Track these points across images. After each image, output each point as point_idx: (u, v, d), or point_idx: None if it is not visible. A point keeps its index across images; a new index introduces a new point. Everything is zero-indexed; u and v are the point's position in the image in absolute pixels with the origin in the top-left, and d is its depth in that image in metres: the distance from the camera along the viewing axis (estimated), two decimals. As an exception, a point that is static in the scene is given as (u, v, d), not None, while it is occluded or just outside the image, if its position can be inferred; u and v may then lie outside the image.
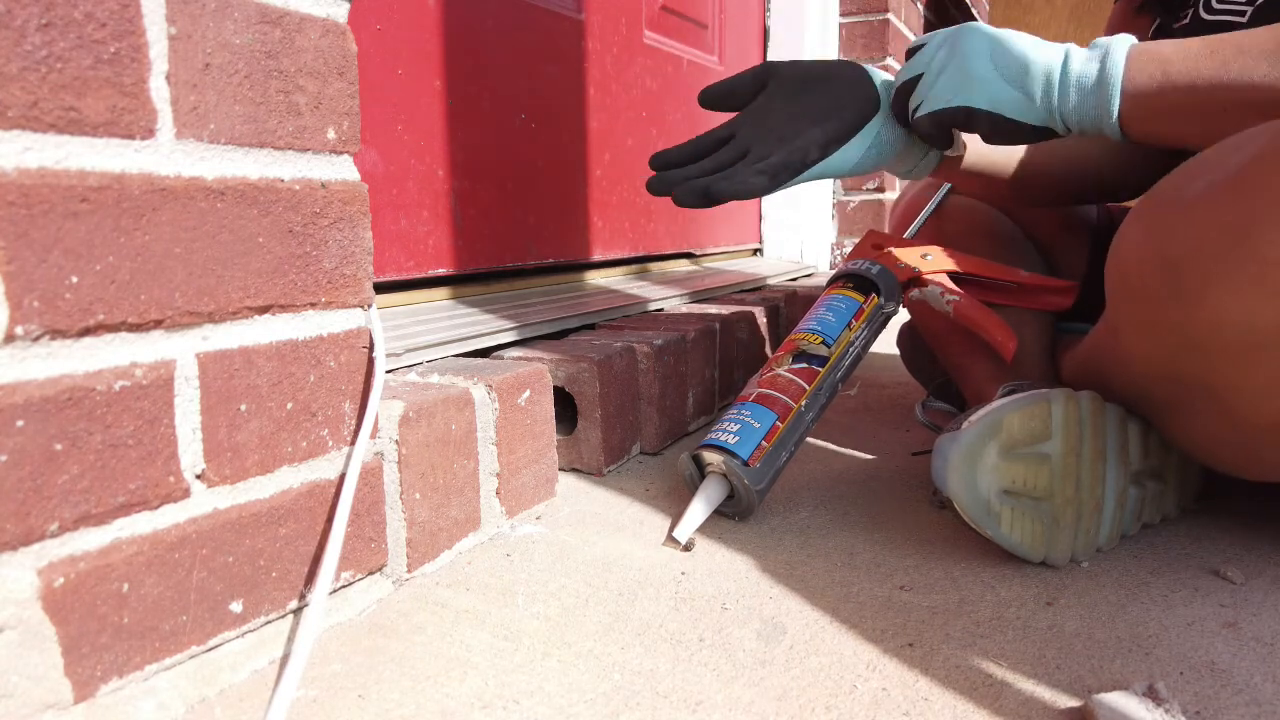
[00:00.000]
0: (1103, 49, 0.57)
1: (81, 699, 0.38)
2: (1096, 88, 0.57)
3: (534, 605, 0.54)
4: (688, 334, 0.90)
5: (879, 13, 1.84)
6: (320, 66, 0.48)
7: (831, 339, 0.72)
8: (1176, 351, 0.52)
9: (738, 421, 0.67)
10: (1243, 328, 0.47)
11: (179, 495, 0.42)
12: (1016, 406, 0.57)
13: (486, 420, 0.63)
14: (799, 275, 1.60)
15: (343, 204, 0.50)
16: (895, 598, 0.55)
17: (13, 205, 0.35)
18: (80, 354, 0.38)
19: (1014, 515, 0.57)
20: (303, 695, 0.44)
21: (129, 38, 0.39)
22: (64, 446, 0.37)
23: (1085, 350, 0.68)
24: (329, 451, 0.50)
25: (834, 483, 0.78)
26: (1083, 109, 0.57)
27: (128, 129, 0.39)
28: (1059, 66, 0.58)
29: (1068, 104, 0.58)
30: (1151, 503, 0.63)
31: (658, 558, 0.61)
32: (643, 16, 1.32)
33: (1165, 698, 0.42)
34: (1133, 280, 0.54)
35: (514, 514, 0.67)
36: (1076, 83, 0.57)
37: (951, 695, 0.45)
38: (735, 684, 0.46)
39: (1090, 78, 0.57)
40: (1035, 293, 0.78)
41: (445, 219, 0.94)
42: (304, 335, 0.48)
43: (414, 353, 0.70)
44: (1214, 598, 0.55)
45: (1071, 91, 0.57)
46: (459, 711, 0.43)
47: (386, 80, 0.86)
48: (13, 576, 0.36)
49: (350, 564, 0.52)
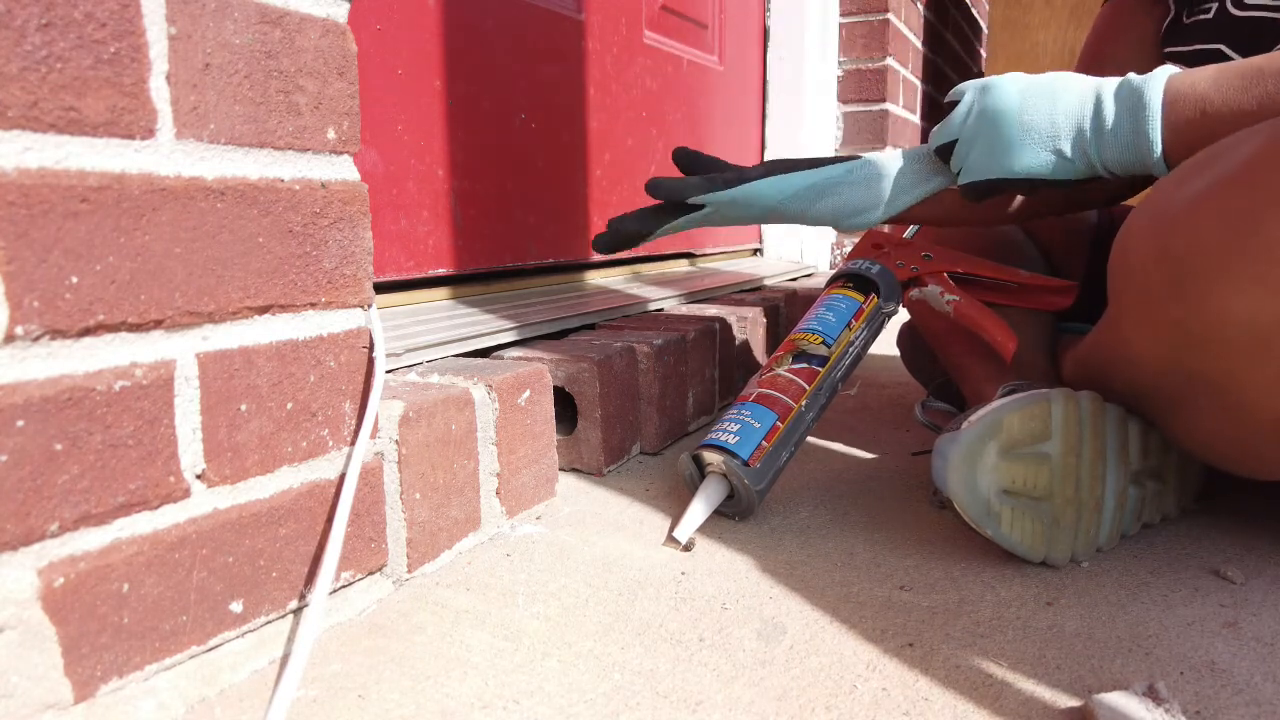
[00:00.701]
0: (1136, 93, 0.56)
1: (81, 699, 0.38)
2: (1133, 139, 0.56)
3: (534, 605, 0.54)
4: (688, 334, 0.90)
5: (879, 13, 1.84)
6: (320, 66, 0.48)
7: (831, 339, 0.72)
8: (1179, 348, 0.52)
9: (738, 421, 0.67)
10: (1246, 324, 0.47)
11: (179, 495, 0.42)
12: (1016, 406, 0.57)
13: (486, 420, 0.63)
14: (799, 275, 1.60)
15: (343, 204, 0.50)
16: (895, 598, 0.55)
17: (13, 205, 0.35)
18: (80, 354, 0.38)
19: (1014, 515, 0.57)
20: (303, 695, 0.44)
21: (129, 38, 0.39)
22: (64, 446, 0.37)
23: (1086, 349, 0.68)
24: (329, 451, 0.50)
25: (834, 483, 0.78)
26: (1123, 160, 0.57)
27: (128, 129, 0.39)
28: (1090, 118, 0.57)
29: (1107, 155, 0.57)
30: (1151, 503, 0.63)
31: (658, 558, 0.61)
32: (643, 16, 1.32)
33: (1165, 698, 0.42)
34: (1136, 277, 0.54)
35: (514, 514, 0.67)
36: (1112, 134, 0.56)
37: (951, 695, 0.45)
38: (735, 684, 0.46)
39: (1124, 128, 0.56)
40: (1035, 293, 0.78)
41: (445, 219, 0.94)
42: (304, 335, 0.48)
43: (414, 353, 0.70)
44: (1214, 598, 0.55)
45: (1108, 143, 0.57)
46: (459, 711, 0.43)
47: (386, 80, 0.86)
48: (13, 576, 0.36)
49: (350, 564, 0.52)
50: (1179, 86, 0.55)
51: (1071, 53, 2.36)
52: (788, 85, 1.80)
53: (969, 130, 0.61)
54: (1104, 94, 0.57)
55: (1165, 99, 0.55)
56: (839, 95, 1.89)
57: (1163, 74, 0.56)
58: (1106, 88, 0.57)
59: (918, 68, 2.13)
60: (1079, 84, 0.59)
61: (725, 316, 1.02)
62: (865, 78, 1.86)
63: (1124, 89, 0.57)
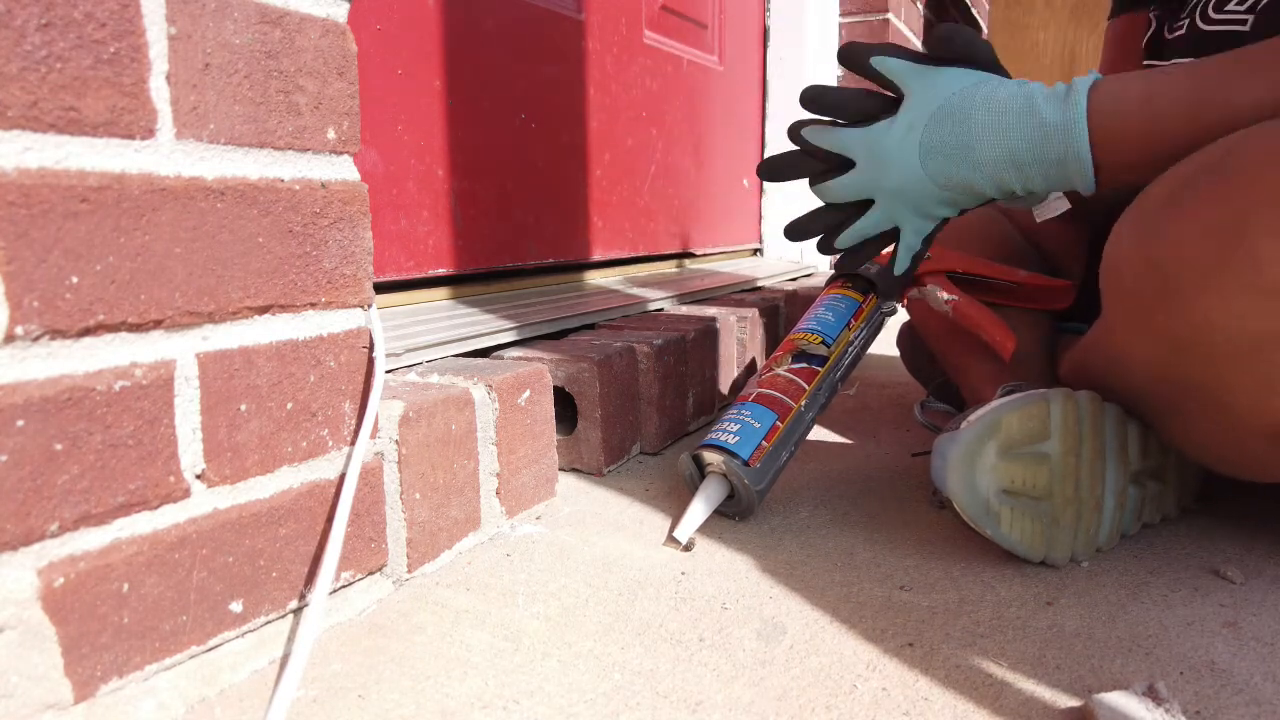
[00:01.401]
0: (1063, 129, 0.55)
1: (81, 699, 0.38)
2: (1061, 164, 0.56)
3: (534, 605, 0.54)
4: (688, 334, 0.90)
5: (879, 13, 1.84)
6: (320, 66, 0.48)
7: (831, 338, 0.72)
8: (1169, 354, 0.52)
9: (738, 421, 0.67)
10: (1231, 331, 0.47)
11: (179, 495, 0.42)
12: (1015, 406, 0.57)
13: (486, 420, 0.63)
14: (798, 275, 1.60)
15: (343, 204, 0.50)
16: (895, 598, 0.55)
17: (13, 205, 0.35)
18: (80, 354, 0.38)
19: (1013, 515, 0.57)
20: (303, 695, 0.44)
21: (129, 38, 0.39)
22: (64, 446, 0.37)
23: (1083, 351, 0.68)
24: (329, 451, 0.50)
25: (834, 483, 0.78)
26: (1053, 182, 0.57)
27: (128, 129, 0.39)
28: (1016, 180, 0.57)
29: (1037, 183, 0.58)
30: (1151, 503, 0.63)
31: (658, 558, 0.61)
32: (643, 16, 1.32)
33: (1165, 697, 0.42)
34: (1125, 282, 0.54)
35: (514, 514, 0.67)
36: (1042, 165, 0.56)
37: (951, 695, 0.45)
38: (735, 684, 0.46)
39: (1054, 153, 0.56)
40: (1034, 293, 0.78)
41: (445, 219, 0.94)
42: (304, 335, 0.48)
43: (414, 353, 0.70)
44: (1214, 598, 0.55)
45: (1037, 176, 0.57)
46: (459, 711, 0.43)
47: (386, 80, 0.86)
48: (13, 576, 0.36)
49: (350, 564, 0.52)
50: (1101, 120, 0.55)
51: (1071, 52, 2.36)
52: (788, 85, 1.80)
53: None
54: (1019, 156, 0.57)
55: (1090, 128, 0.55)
56: (839, 95, 1.88)
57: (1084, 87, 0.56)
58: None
59: (917, 68, 2.13)
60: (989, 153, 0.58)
61: (725, 316, 1.02)
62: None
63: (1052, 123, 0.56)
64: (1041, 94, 0.57)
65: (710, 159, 1.56)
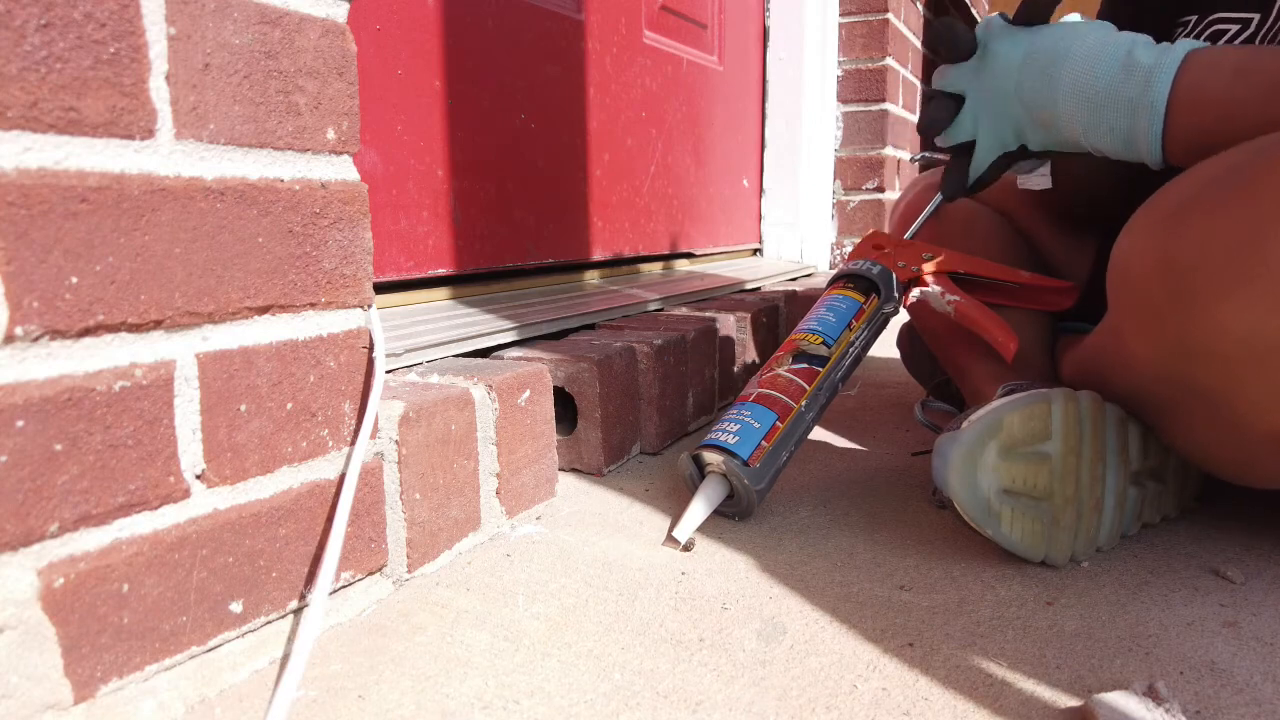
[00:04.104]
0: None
1: (81, 699, 0.38)
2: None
3: (534, 605, 0.54)
4: (688, 334, 0.90)
5: (879, 13, 1.84)
6: (320, 66, 0.48)
7: (832, 339, 0.72)
8: (1177, 357, 0.52)
9: (738, 421, 0.67)
10: (1245, 338, 0.47)
11: (179, 496, 0.42)
12: (1016, 406, 0.57)
13: (486, 420, 0.63)
14: (799, 275, 1.60)
15: (342, 204, 0.50)
16: (895, 598, 0.55)
17: (13, 205, 0.35)
18: (80, 354, 0.38)
19: (1014, 515, 0.57)
20: (303, 695, 0.44)
21: (129, 38, 0.39)
22: (64, 447, 0.37)
23: (1086, 351, 0.68)
24: (329, 452, 0.50)
25: (834, 483, 0.78)
26: (1119, 136, 0.59)
27: (127, 129, 0.39)
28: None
29: (1103, 133, 0.59)
30: (1151, 503, 0.63)
31: (658, 558, 0.61)
32: (642, 16, 1.32)
33: (1165, 697, 0.42)
34: (1135, 285, 0.54)
35: (514, 514, 0.67)
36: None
37: (951, 695, 0.45)
38: (735, 684, 0.46)
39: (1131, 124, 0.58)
40: (1036, 293, 0.78)
41: (445, 219, 0.94)
42: (304, 335, 0.48)
43: (414, 353, 0.70)
44: (1214, 598, 0.55)
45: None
46: (459, 712, 0.43)
47: (386, 80, 0.86)
48: (13, 577, 0.36)
49: (350, 564, 0.52)
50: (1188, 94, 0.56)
51: (1071, 53, 2.35)
52: (788, 85, 1.80)
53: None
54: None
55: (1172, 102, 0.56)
56: (839, 95, 1.89)
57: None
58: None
59: (917, 68, 2.13)
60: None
61: (725, 317, 1.02)
62: (865, 78, 1.86)
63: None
64: (1144, 42, 0.58)
65: (710, 159, 1.56)
